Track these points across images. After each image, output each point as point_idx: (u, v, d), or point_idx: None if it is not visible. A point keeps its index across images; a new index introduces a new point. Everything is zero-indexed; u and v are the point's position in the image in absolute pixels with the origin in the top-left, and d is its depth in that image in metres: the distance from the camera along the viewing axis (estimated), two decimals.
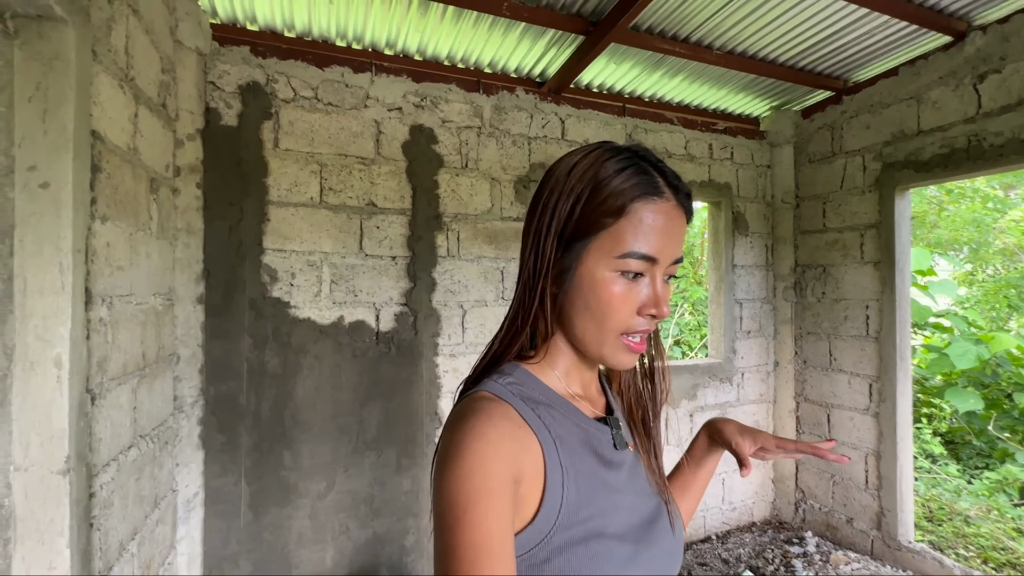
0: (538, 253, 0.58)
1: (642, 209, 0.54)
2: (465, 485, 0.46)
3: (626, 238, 0.53)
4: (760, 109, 3.14)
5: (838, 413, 2.87)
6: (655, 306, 0.55)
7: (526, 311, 0.59)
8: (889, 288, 2.61)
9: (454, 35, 2.25)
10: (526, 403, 0.55)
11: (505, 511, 0.46)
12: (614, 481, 0.58)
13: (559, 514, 0.51)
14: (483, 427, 0.49)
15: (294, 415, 2.15)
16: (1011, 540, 3.03)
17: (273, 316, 2.12)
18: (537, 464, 0.52)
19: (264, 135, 2.11)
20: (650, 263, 0.54)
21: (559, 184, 0.57)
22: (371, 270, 2.28)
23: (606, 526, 0.54)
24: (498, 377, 0.57)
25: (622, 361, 0.57)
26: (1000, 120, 2.15)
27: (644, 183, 0.54)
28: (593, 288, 0.55)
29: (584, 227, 0.55)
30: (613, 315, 0.54)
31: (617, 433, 0.62)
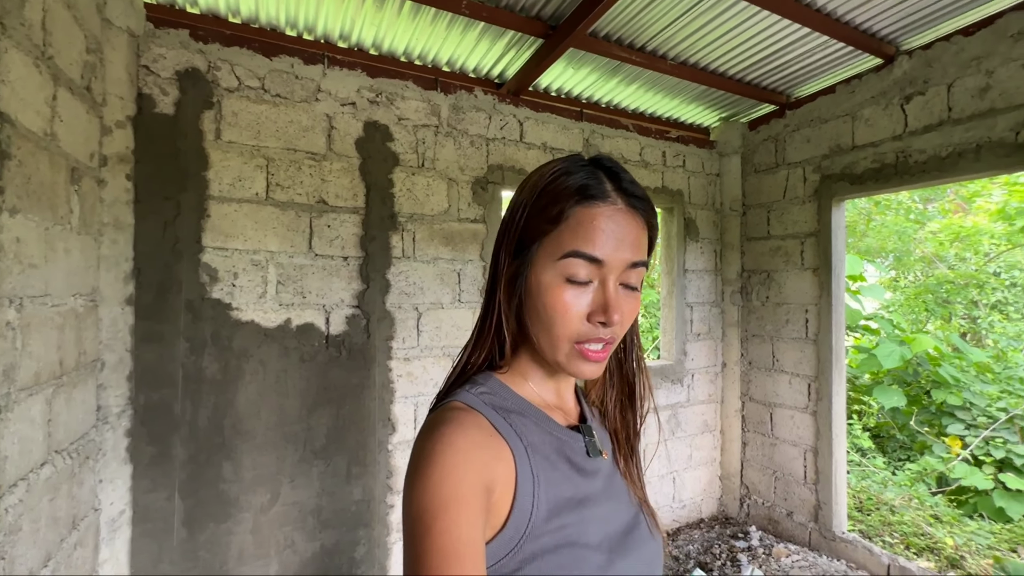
0: (496, 263, 0.60)
1: (582, 212, 0.54)
2: (436, 492, 0.46)
3: (565, 240, 0.53)
4: (710, 119, 3.26)
5: (780, 412, 3.01)
6: (603, 312, 0.53)
7: (487, 322, 0.60)
8: (826, 293, 2.76)
9: (411, 31, 2.19)
10: (498, 412, 0.56)
11: (476, 518, 0.46)
12: (588, 489, 0.58)
13: (529, 522, 0.51)
14: (453, 436, 0.50)
15: (235, 424, 2.02)
16: (929, 526, 3.28)
17: (213, 318, 1.99)
18: (508, 472, 0.52)
19: (204, 125, 1.98)
20: (595, 265, 0.53)
21: (516, 197, 0.59)
22: (321, 271, 2.18)
23: (579, 535, 0.53)
24: (470, 387, 0.58)
25: (581, 370, 0.56)
26: (923, 139, 2.33)
27: (586, 187, 0.54)
28: (540, 294, 0.55)
29: (530, 234, 0.56)
30: (560, 321, 0.54)
31: (590, 441, 0.61)
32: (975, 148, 2.15)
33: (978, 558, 2.92)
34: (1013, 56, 2.04)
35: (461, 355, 0.62)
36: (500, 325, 0.59)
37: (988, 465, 3.84)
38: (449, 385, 0.62)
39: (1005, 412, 4.12)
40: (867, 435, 4.70)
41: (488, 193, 2.55)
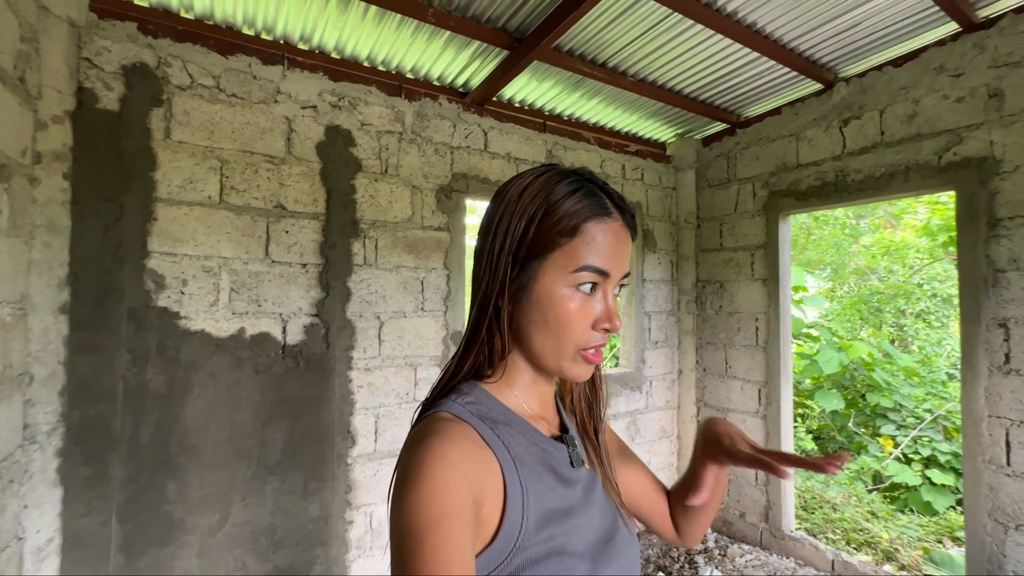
0: (492, 273, 0.59)
1: (594, 228, 0.57)
2: (425, 509, 0.45)
3: (580, 254, 0.56)
4: (667, 135, 3.39)
5: (733, 416, 3.13)
6: (608, 320, 0.57)
7: (482, 330, 0.60)
8: (774, 303, 2.91)
9: (376, 36, 2.17)
10: (485, 423, 0.56)
11: (466, 535, 0.46)
12: (571, 499, 0.59)
13: (520, 534, 0.51)
14: (443, 448, 0.49)
15: (181, 440, 1.90)
16: (867, 522, 3.49)
17: (158, 328, 1.87)
18: (497, 484, 0.52)
19: (153, 124, 1.87)
20: (603, 277, 0.57)
21: (511, 206, 0.59)
22: (278, 278, 2.09)
23: (566, 544, 0.54)
24: (456, 397, 0.58)
25: (580, 373, 0.59)
26: (860, 159, 2.51)
27: (595, 204, 0.57)
28: (551, 304, 0.56)
29: (539, 246, 0.57)
30: (571, 330, 0.56)
31: (573, 451, 0.63)
32: (904, 169, 2.34)
33: (910, 550, 3.12)
34: (935, 87, 2.24)
35: (451, 363, 0.62)
36: (495, 333, 0.60)
37: (916, 462, 4.14)
38: (435, 394, 0.61)
39: (930, 413, 4.46)
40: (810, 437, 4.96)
41: (452, 201, 2.54)
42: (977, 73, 2.11)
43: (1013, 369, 2.00)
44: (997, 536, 2.04)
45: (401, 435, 2.37)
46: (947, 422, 4.35)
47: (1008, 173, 2.02)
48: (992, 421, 2.05)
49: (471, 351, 0.61)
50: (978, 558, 2.09)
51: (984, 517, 2.07)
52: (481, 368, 0.61)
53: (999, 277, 2.04)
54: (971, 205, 2.12)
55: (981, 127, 2.10)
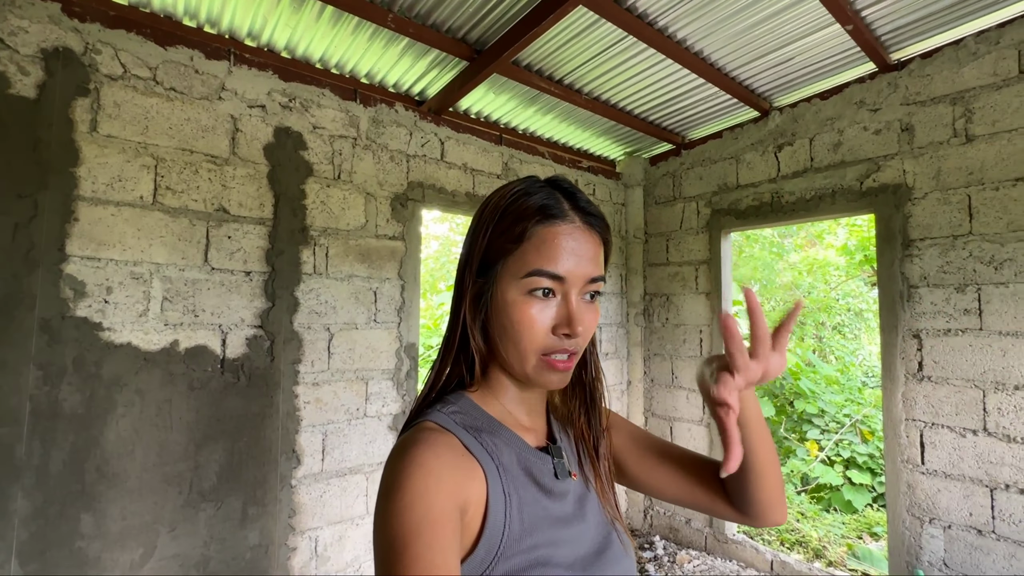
0: (460, 284, 0.61)
1: (544, 231, 0.56)
2: (407, 517, 0.45)
3: (529, 258, 0.55)
4: (616, 153, 3.51)
5: (679, 425, 3.24)
6: (567, 325, 0.56)
7: (452, 341, 0.61)
8: (717, 315, 3.06)
9: (330, 38, 2.10)
10: (469, 432, 0.55)
11: (449, 542, 0.46)
12: (559, 511, 0.58)
13: (502, 542, 0.51)
14: (424, 457, 0.49)
15: (100, 467, 1.70)
16: (798, 522, 3.71)
17: (76, 340, 1.67)
18: (480, 492, 0.51)
19: (76, 115, 1.70)
20: (556, 281, 0.55)
21: (476, 218, 0.61)
22: (219, 286, 1.95)
23: (551, 556, 0.53)
24: (442, 407, 0.57)
25: (550, 380, 0.58)
26: (793, 182, 2.71)
27: (545, 207, 0.57)
28: (506, 310, 0.56)
29: (492, 254, 0.58)
30: (526, 334, 0.56)
31: (559, 462, 0.62)
32: (831, 193, 2.55)
33: (835, 547, 3.35)
34: (857, 120, 2.47)
35: (429, 374, 0.62)
36: (466, 343, 0.60)
37: (838, 464, 4.47)
38: (420, 405, 0.61)
39: (849, 418, 4.85)
40: None
41: (408, 210, 2.49)
42: (891, 109, 2.35)
43: (926, 376, 2.21)
44: (914, 530, 2.23)
45: (351, 452, 2.26)
46: (863, 425, 4.74)
47: (919, 199, 2.26)
48: (909, 424, 2.25)
49: (446, 362, 0.61)
50: (898, 551, 2.27)
51: (903, 513, 2.26)
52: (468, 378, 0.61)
53: (913, 292, 2.26)
54: (888, 227, 2.34)
55: (895, 157, 2.33)
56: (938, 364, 2.18)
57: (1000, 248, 2.04)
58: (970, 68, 2.14)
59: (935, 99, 2.23)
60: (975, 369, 2.08)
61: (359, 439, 2.28)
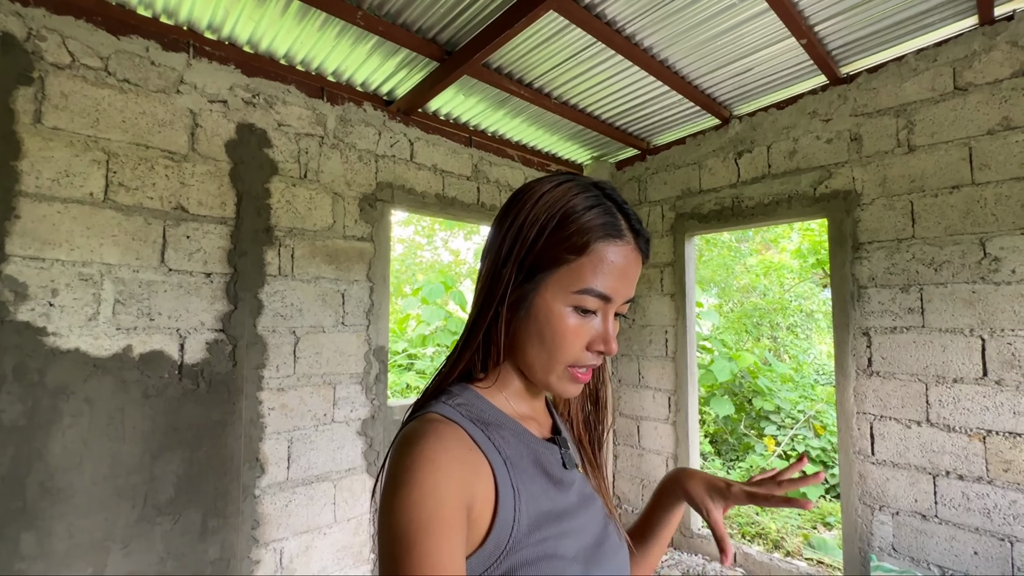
0: (496, 278, 0.58)
1: (604, 249, 0.55)
2: (415, 514, 0.44)
3: (586, 275, 0.55)
4: (583, 157, 3.57)
5: (646, 424, 3.31)
6: (604, 343, 0.56)
7: (479, 333, 0.59)
8: (682, 316, 3.15)
9: (296, 33, 2.04)
10: (476, 424, 0.55)
11: (457, 539, 0.45)
12: (565, 502, 0.58)
13: (511, 536, 0.50)
14: (433, 451, 0.48)
15: (44, 482, 1.59)
16: (757, 515, 3.85)
17: (17, 347, 1.56)
18: (488, 486, 0.51)
19: (18, 105, 1.59)
20: (605, 302, 0.56)
21: (524, 212, 0.57)
22: (176, 288, 1.86)
23: (558, 547, 0.53)
24: (447, 399, 0.56)
25: (567, 391, 0.58)
26: (752, 188, 2.83)
27: (609, 224, 0.56)
28: (548, 320, 0.55)
29: (546, 259, 0.56)
30: (565, 348, 0.55)
31: (566, 452, 0.62)
32: (788, 198, 2.68)
33: (792, 537, 3.49)
34: (811, 129, 2.60)
35: (445, 364, 0.61)
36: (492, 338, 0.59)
37: (793, 458, 4.67)
38: (425, 395, 0.60)
39: (803, 413, 5.08)
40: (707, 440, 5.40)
41: (377, 211, 2.44)
42: (842, 119, 2.49)
43: (875, 371, 2.34)
44: (866, 517, 2.35)
45: (318, 459, 2.19)
46: (816, 421, 4.98)
47: (867, 205, 2.40)
48: (860, 417, 2.38)
49: (467, 353, 0.59)
50: (851, 538, 2.40)
51: (856, 501, 2.38)
52: (473, 371, 0.60)
53: (862, 292, 2.40)
54: (839, 231, 2.47)
55: (846, 165, 2.47)
56: (886, 360, 2.32)
57: (939, 251, 2.19)
58: (911, 83, 2.29)
59: (881, 111, 2.38)
60: (918, 364, 2.23)
61: (327, 445, 2.22)
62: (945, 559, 2.13)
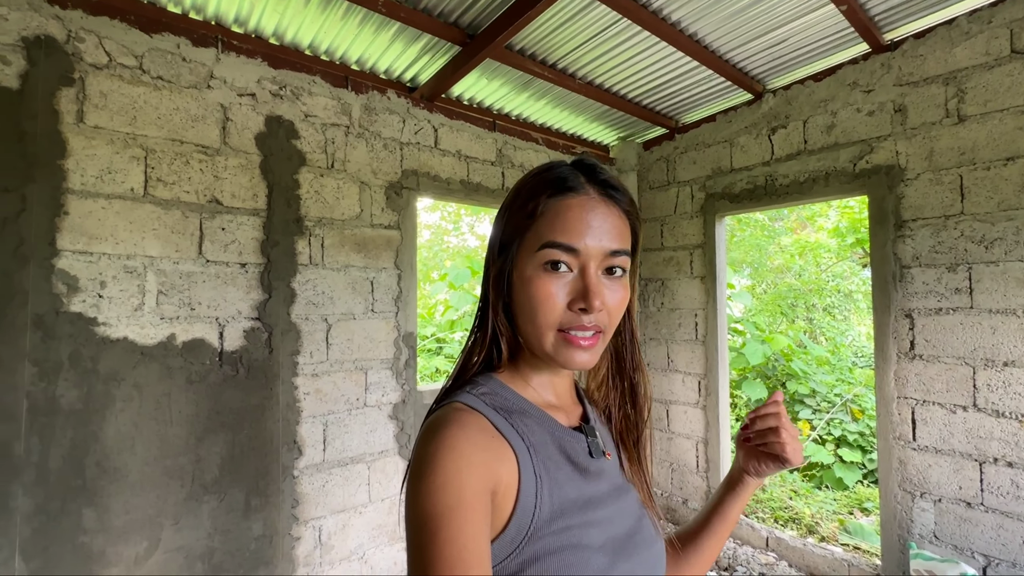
0: (486, 268, 0.62)
1: (557, 204, 0.56)
2: (439, 499, 0.45)
3: (542, 232, 0.55)
4: (610, 138, 3.49)
5: (675, 408, 3.28)
6: (583, 298, 0.54)
7: (482, 323, 0.61)
8: (712, 299, 3.09)
9: (320, 23, 2.06)
10: (499, 412, 0.55)
11: (480, 524, 0.46)
12: (592, 491, 0.57)
13: (532, 523, 0.50)
14: (455, 438, 0.49)
15: (101, 462, 1.69)
16: (791, 500, 3.79)
17: (71, 336, 1.65)
18: (512, 473, 0.51)
19: (62, 105, 1.66)
20: (570, 253, 0.54)
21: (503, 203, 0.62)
22: (214, 279, 1.93)
23: (583, 537, 0.52)
24: (471, 388, 0.57)
25: (571, 358, 0.55)
26: (786, 165, 2.72)
27: (559, 180, 0.56)
28: (522, 287, 0.56)
29: (511, 232, 0.58)
30: (541, 309, 0.55)
31: (593, 441, 0.61)
32: (825, 175, 2.56)
33: (828, 523, 3.43)
34: (850, 101, 2.47)
35: (460, 356, 0.62)
36: (494, 325, 0.60)
37: (829, 443, 4.56)
38: (449, 386, 0.61)
39: (840, 397, 4.93)
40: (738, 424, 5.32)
41: (403, 199, 2.47)
42: (885, 90, 2.36)
43: (918, 354, 2.25)
44: (906, 504, 2.28)
45: (351, 442, 2.27)
46: (854, 404, 4.83)
47: (911, 180, 2.27)
48: (901, 402, 2.30)
49: (476, 345, 0.61)
50: (890, 525, 2.33)
51: (895, 488, 2.31)
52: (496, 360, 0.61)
53: (905, 273, 2.29)
54: (881, 208, 2.36)
55: (888, 138, 2.34)
56: (929, 343, 2.22)
57: (991, 227, 2.07)
58: (962, 48, 2.14)
59: (928, 79, 2.23)
60: (965, 347, 2.12)
61: (360, 429, 2.29)
62: (991, 547, 2.05)
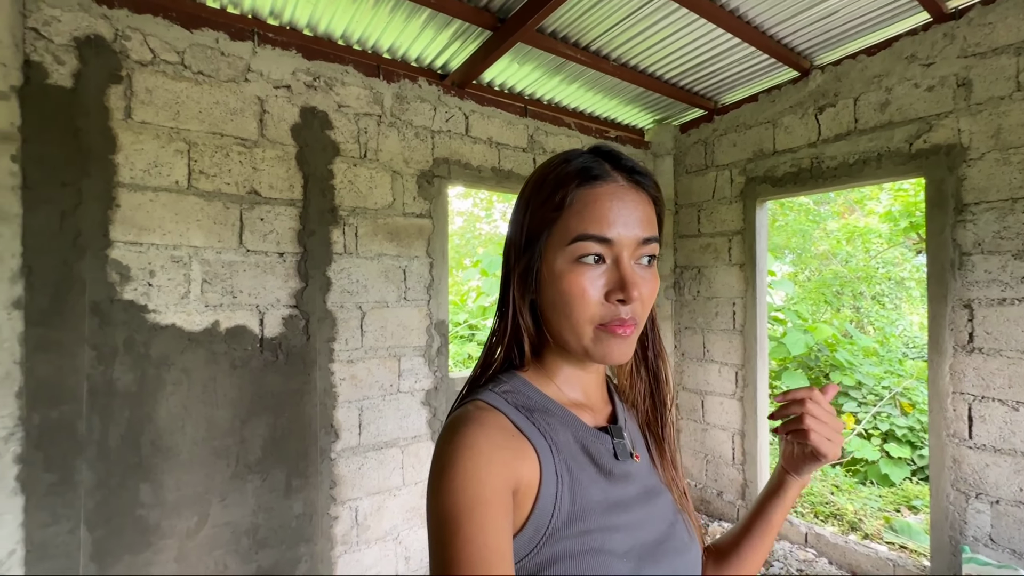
0: (507, 263, 0.60)
1: (586, 194, 0.54)
2: (459, 497, 0.45)
3: (572, 224, 0.53)
4: (645, 121, 3.39)
5: (710, 399, 3.21)
6: (621, 289, 0.52)
7: (503, 320, 0.60)
8: (751, 287, 2.98)
9: (351, 13, 2.06)
10: (520, 411, 0.54)
11: (501, 521, 0.45)
12: (618, 494, 0.55)
13: (550, 524, 0.50)
14: (474, 437, 0.49)
15: (155, 441, 1.80)
16: (832, 495, 3.67)
17: (125, 323, 1.75)
18: (533, 471, 0.50)
19: (111, 102, 1.73)
20: (604, 244, 0.53)
21: (520, 196, 0.60)
22: (254, 268, 1.99)
23: (605, 542, 0.51)
24: (493, 386, 0.56)
25: (611, 352, 0.54)
26: (834, 146, 2.57)
27: (584, 170, 0.54)
28: (555, 283, 0.54)
29: (537, 226, 0.56)
30: (578, 305, 0.53)
31: (619, 443, 0.59)
32: (877, 156, 2.41)
33: (872, 520, 3.30)
34: (907, 76, 2.31)
35: (482, 355, 0.61)
36: (517, 323, 0.59)
37: (875, 437, 4.36)
38: (471, 384, 0.60)
39: (888, 390, 4.70)
40: None
41: (434, 187, 2.47)
42: (947, 63, 2.19)
43: (976, 348, 2.11)
44: (959, 504, 2.16)
45: (386, 427, 2.32)
46: (904, 398, 4.60)
47: (975, 160, 2.11)
48: (956, 397, 2.17)
49: (497, 343, 0.60)
50: (941, 525, 2.22)
51: (947, 487, 2.20)
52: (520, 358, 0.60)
53: (965, 260, 2.14)
54: (939, 191, 2.20)
55: (950, 115, 2.18)
56: (991, 335, 2.07)
57: None
58: None
59: (997, 50, 2.05)
60: None
61: (394, 414, 2.34)
62: None
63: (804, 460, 0.64)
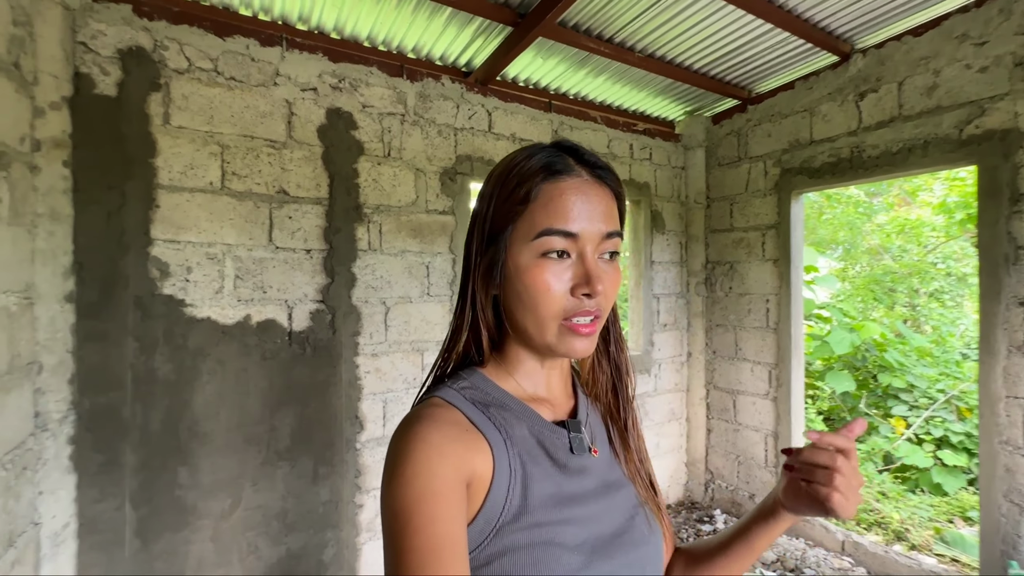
0: (468, 256, 0.59)
1: (551, 188, 0.53)
2: (410, 489, 0.45)
3: (538, 218, 0.53)
4: (675, 113, 3.30)
5: (742, 399, 3.11)
6: (587, 284, 0.52)
7: (463, 316, 0.59)
8: (786, 283, 2.86)
9: (375, 14, 2.11)
10: (477, 406, 0.55)
11: (453, 513, 0.46)
12: (573, 488, 0.56)
13: (500, 516, 0.50)
14: (426, 432, 0.49)
15: (192, 427, 1.91)
16: (877, 502, 3.48)
17: (165, 316, 1.87)
18: (486, 464, 0.51)
19: (151, 109, 1.84)
20: (570, 239, 0.53)
21: (482, 190, 0.59)
22: (283, 264, 2.08)
23: (556, 535, 0.51)
24: (452, 382, 0.57)
25: (574, 347, 0.54)
26: (876, 134, 2.43)
27: (548, 164, 0.54)
28: (520, 277, 0.54)
29: (500, 220, 0.55)
30: (543, 299, 0.53)
31: (575, 437, 0.59)
32: (923, 144, 2.26)
33: (920, 530, 3.11)
34: (958, 57, 2.15)
35: (440, 352, 0.62)
36: (476, 319, 0.59)
37: (928, 443, 4.10)
38: (431, 381, 0.61)
39: (943, 393, 4.40)
40: (820, 418, 4.94)
41: (457, 184, 2.50)
42: (1002, 41, 2.02)
43: None
44: (1012, 517, 2.01)
45: None
46: (960, 402, 4.30)
47: None
48: (1010, 402, 2.01)
49: (456, 338, 0.60)
50: (991, 539, 2.07)
51: (999, 498, 2.05)
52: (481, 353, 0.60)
53: (1021, 254, 1.98)
54: (993, 180, 2.05)
55: (1006, 98, 2.01)
56: None
57: None
58: None
59: None
60: None
61: None
62: None
63: (810, 506, 0.58)
